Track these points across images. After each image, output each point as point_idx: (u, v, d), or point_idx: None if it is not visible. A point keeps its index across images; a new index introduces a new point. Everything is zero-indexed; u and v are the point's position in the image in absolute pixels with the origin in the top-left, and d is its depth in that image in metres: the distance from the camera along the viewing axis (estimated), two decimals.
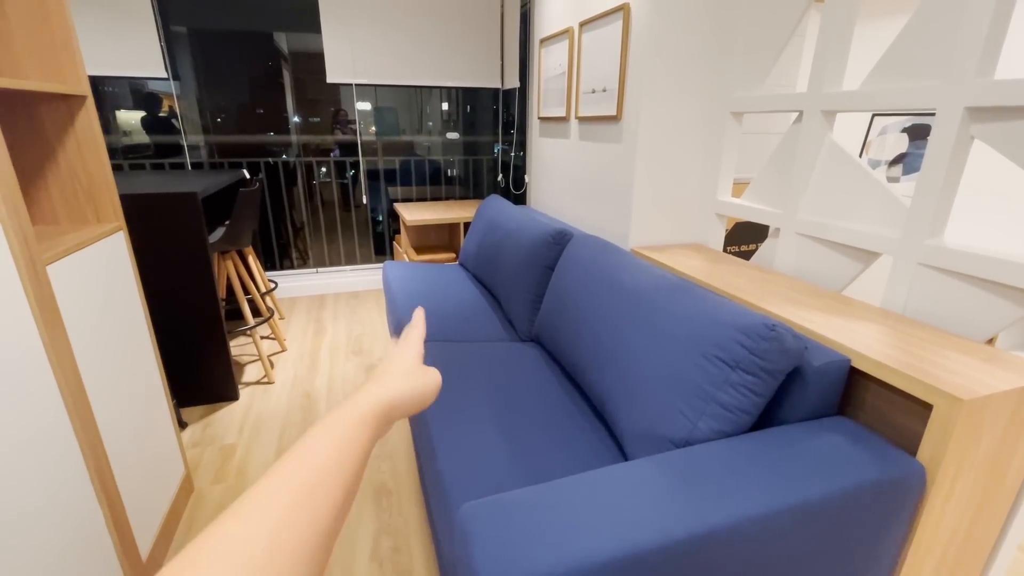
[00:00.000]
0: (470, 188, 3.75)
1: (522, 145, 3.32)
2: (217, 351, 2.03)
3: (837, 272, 1.40)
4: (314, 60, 3.03)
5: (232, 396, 2.13)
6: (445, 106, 3.57)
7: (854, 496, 0.84)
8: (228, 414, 2.04)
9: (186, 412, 2.05)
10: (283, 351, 2.61)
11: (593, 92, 2.02)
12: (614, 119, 1.87)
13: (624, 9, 1.72)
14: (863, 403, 1.03)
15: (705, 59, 1.69)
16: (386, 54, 3.06)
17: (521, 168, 3.31)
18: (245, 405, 2.11)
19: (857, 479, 0.85)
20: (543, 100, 2.60)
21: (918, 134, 2.22)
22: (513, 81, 3.23)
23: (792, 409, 1.02)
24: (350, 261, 3.59)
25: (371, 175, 3.45)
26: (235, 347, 2.65)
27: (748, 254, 2.46)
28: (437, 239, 3.58)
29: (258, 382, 2.29)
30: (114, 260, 1.28)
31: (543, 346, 1.69)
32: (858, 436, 0.95)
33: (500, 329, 1.85)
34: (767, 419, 1.07)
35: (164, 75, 2.79)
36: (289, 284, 3.40)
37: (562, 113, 2.36)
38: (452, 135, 3.59)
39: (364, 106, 3.29)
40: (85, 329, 1.10)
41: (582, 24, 2.07)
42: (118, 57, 2.67)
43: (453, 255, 3.23)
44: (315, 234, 3.51)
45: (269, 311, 2.46)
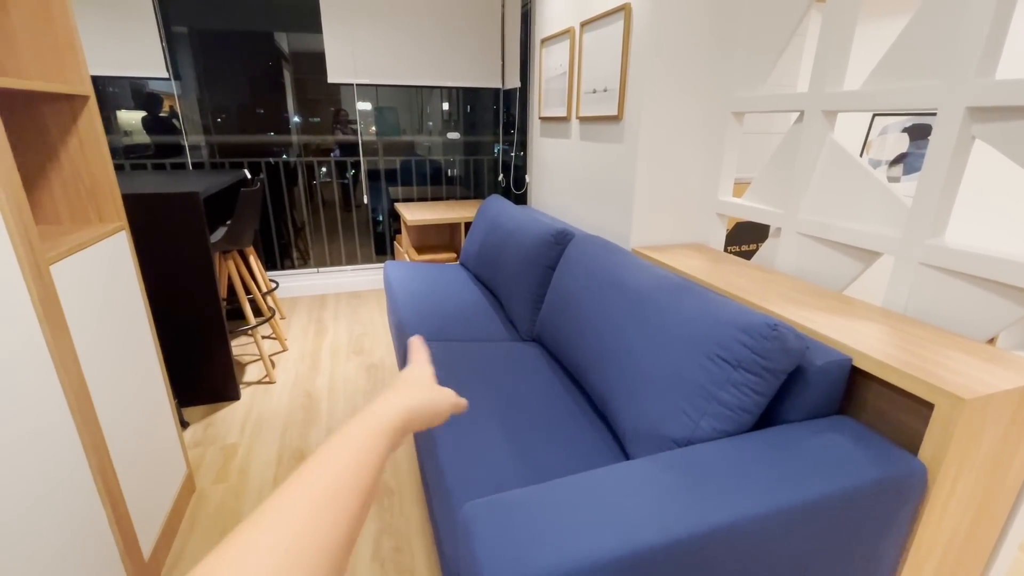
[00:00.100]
0: (471, 188, 3.75)
1: (523, 145, 3.32)
2: (218, 351, 2.03)
3: (838, 272, 1.40)
4: (315, 60, 3.03)
5: (233, 396, 2.13)
6: (446, 106, 3.57)
7: (855, 495, 0.84)
8: (229, 414, 2.04)
9: (188, 412, 2.05)
10: (284, 351, 2.61)
11: (594, 92, 2.02)
12: (615, 119, 1.87)
13: (625, 9, 1.72)
14: (864, 402, 1.03)
15: (706, 59, 1.69)
16: (387, 54, 3.06)
17: (522, 168, 3.31)
18: (246, 405, 2.11)
19: (858, 478, 0.85)
20: (544, 100, 2.60)
21: (919, 134, 2.22)
22: (514, 81, 3.23)
23: (794, 408, 1.03)
24: (351, 261, 3.60)
25: (372, 175, 3.45)
26: (236, 347, 2.66)
27: (749, 254, 2.46)
28: (438, 239, 3.58)
29: (259, 382, 2.29)
30: (116, 260, 1.28)
31: (544, 346, 1.69)
32: (859, 435, 0.95)
33: (501, 329, 1.86)
34: (769, 418, 1.07)
35: (165, 75, 2.79)
36: (290, 284, 3.40)
37: (563, 113, 2.36)
38: (453, 135, 3.59)
39: (365, 106, 3.29)
40: (88, 328, 1.10)
41: (583, 24, 2.07)
42: (119, 57, 2.67)
43: (454, 255, 3.23)
44: (316, 234, 3.51)
45: (270, 311, 2.46)
